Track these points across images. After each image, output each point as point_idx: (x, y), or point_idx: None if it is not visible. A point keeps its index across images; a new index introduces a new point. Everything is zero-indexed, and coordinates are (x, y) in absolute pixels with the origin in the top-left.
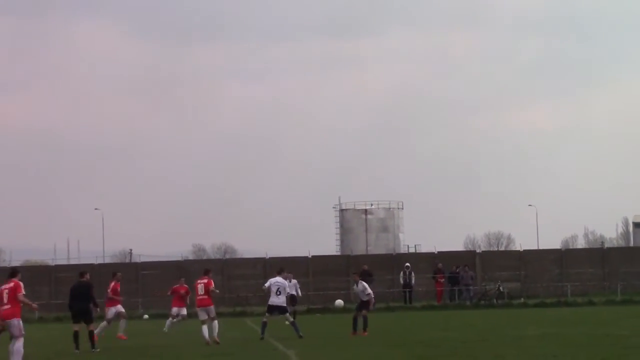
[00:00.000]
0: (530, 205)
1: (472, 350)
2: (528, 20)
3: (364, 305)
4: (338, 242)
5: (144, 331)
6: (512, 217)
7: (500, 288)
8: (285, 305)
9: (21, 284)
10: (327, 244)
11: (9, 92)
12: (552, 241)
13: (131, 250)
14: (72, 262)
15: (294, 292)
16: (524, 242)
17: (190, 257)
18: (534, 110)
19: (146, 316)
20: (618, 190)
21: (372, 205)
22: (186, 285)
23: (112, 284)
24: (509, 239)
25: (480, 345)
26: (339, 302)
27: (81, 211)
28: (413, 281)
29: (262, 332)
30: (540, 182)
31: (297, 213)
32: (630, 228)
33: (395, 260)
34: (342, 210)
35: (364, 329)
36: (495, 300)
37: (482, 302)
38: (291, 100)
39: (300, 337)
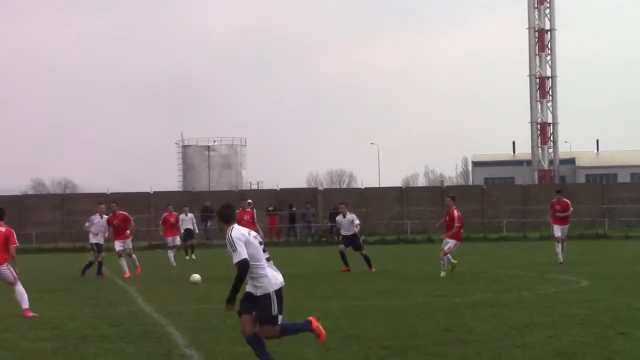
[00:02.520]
0: (372, 143)
1: (313, 286)
2: None
3: (353, 241)
4: (180, 179)
5: None
6: (355, 155)
7: None
8: None
9: (13, 232)
10: (169, 181)
11: None
12: (393, 179)
13: None
14: None
15: (190, 226)
16: (366, 180)
17: (30, 192)
18: (375, 48)
19: None
20: (458, 129)
21: (215, 141)
22: (175, 213)
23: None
24: (351, 177)
25: (320, 281)
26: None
27: None
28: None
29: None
30: (382, 121)
31: (139, 150)
32: (470, 167)
33: (237, 197)
34: (184, 147)
35: (370, 266)
36: (336, 237)
37: (324, 239)
38: (131, 30)
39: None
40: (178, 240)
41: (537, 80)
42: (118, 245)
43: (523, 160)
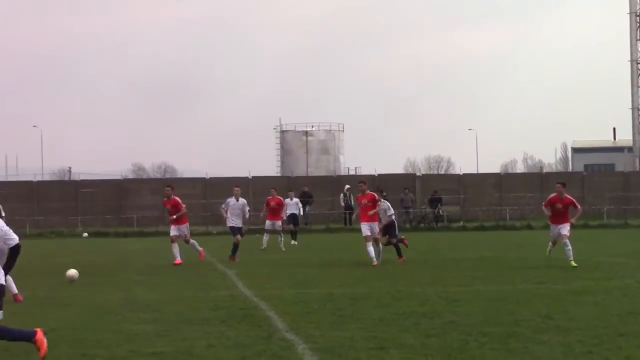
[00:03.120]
0: (470, 129)
1: (411, 271)
2: None
3: (386, 229)
4: (278, 164)
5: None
6: (453, 141)
7: (440, 211)
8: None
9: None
10: (268, 165)
11: None
12: (491, 166)
13: (70, 168)
14: (11, 179)
15: (295, 211)
16: (463, 166)
17: (130, 176)
18: (475, 33)
19: (85, 234)
20: (557, 115)
21: (312, 127)
22: (279, 197)
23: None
24: (449, 163)
25: (419, 267)
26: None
27: (20, 127)
28: (353, 203)
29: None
30: (481, 107)
31: (238, 134)
32: (570, 153)
33: (335, 182)
34: (282, 132)
35: (399, 255)
36: (434, 224)
37: (422, 225)
38: (228, 21)
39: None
40: (278, 224)
41: (638, 65)
42: (173, 230)
43: (624, 147)
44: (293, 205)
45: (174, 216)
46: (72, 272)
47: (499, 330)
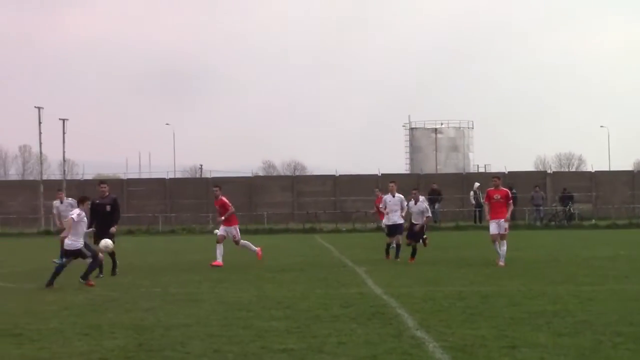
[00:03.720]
0: (602, 126)
1: (542, 269)
2: None
3: (414, 229)
4: (407, 161)
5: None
6: (584, 138)
7: (571, 209)
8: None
9: None
10: (397, 163)
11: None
12: (623, 162)
13: (201, 165)
14: (144, 176)
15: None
16: (595, 163)
17: (260, 174)
18: (599, 33)
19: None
20: None
21: (442, 124)
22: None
23: None
24: (580, 160)
25: (550, 265)
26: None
27: (152, 125)
28: (483, 200)
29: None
30: (613, 103)
31: (366, 131)
32: None
33: (464, 180)
34: (412, 129)
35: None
36: (565, 222)
37: (553, 223)
38: (358, 22)
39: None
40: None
41: None
42: (220, 230)
43: None
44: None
45: (222, 217)
46: (107, 243)
47: (634, 331)
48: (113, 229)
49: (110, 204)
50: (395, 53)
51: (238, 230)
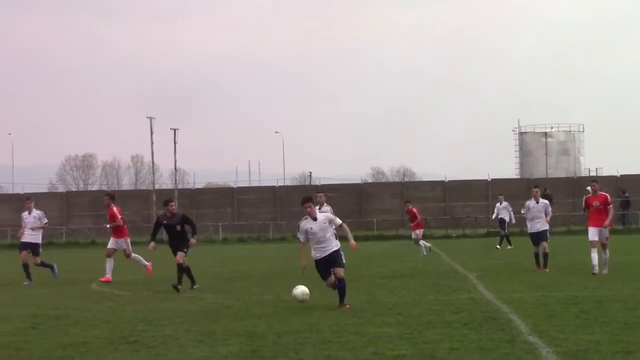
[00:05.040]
0: None
1: None
2: None
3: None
4: (517, 166)
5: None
6: None
7: None
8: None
9: None
10: (507, 168)
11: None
12: None
13: (311, 172)
14: (253, 184)
15: (503, 215)
16: None
17: (369, 180)
18: None
19: None
20: None
21: (552, 128)
22: (416, 209)
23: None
24: None
25: None
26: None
27: (262, 134)
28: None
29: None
30: None
31: (474, 136)
32: None
33: (576, 184)
34: (521, 134)
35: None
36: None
37: None
38: (468, 25)
39: None
40: (416, 234)
41: None
42: (110, 244)
43: None
44: (503, 209)
45: (108, 225)
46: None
47: None
48: (192, 241)
49: (179, 223)
50: (503, 56)
51: (129, 243)
